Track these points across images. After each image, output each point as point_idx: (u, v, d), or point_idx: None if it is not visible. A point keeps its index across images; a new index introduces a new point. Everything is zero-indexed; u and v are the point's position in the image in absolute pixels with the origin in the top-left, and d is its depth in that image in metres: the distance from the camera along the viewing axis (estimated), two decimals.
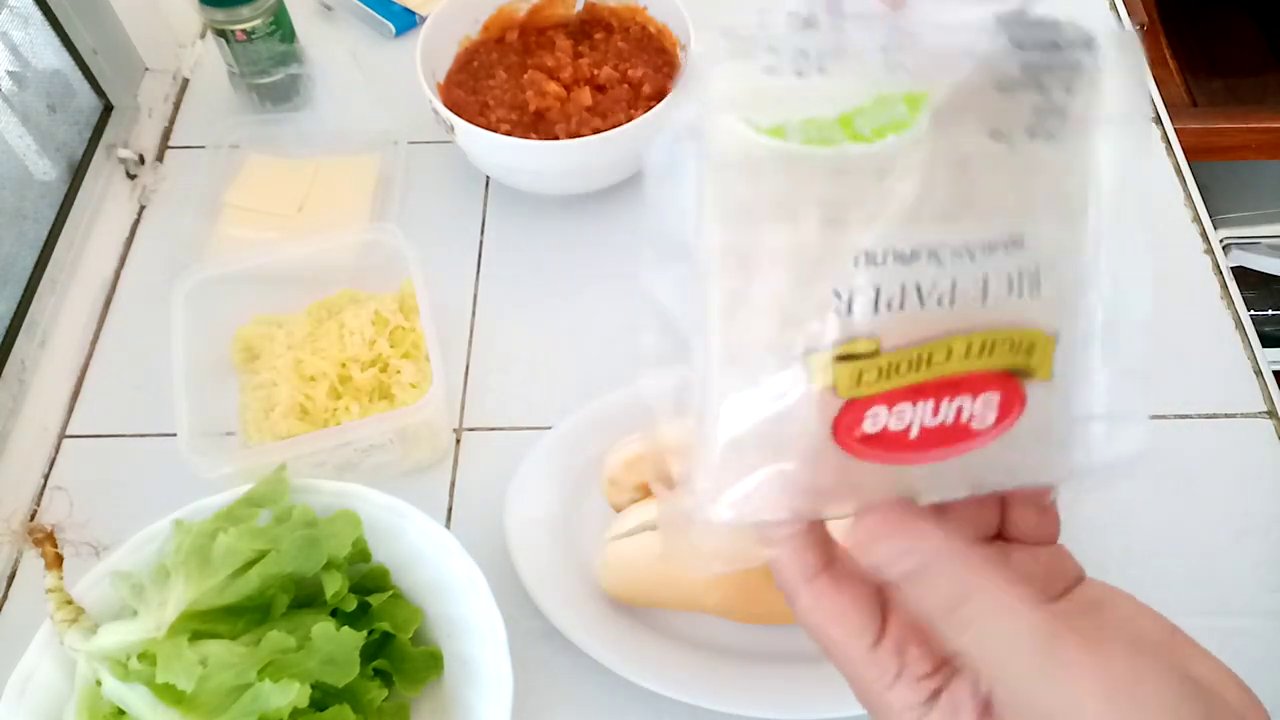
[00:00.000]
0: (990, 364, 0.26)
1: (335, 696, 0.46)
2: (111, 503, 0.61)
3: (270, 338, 0.63)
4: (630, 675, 0.51)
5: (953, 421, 0.26)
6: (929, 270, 0.24)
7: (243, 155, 0.76)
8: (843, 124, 0.23)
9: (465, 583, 0.50)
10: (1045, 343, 0.26)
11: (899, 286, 0.24)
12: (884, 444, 0.26)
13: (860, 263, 0.24)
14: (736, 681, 0.51)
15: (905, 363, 0.25)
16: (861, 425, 0.26)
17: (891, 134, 0.23)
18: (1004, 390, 0.26)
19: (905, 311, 0.24)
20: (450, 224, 0.74)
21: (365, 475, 0.59)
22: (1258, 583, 0.57)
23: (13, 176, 0.70)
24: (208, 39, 0.86)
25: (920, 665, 0.27)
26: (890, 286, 0.24)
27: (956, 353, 0.25)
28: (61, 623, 0.46)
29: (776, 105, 0.22)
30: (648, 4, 0.75)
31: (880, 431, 0.26)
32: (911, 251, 0.24)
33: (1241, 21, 1.38)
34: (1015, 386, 0.26)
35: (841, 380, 0.25)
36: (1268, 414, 0.63)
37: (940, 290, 0.24)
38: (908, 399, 0.25)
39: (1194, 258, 0.71)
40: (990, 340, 0.25)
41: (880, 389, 0.25)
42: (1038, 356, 0.26)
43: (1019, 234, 0.25)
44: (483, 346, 0.68)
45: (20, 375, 0.66)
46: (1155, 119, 0.79)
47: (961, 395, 0.26)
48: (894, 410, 0.25)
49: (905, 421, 0.26)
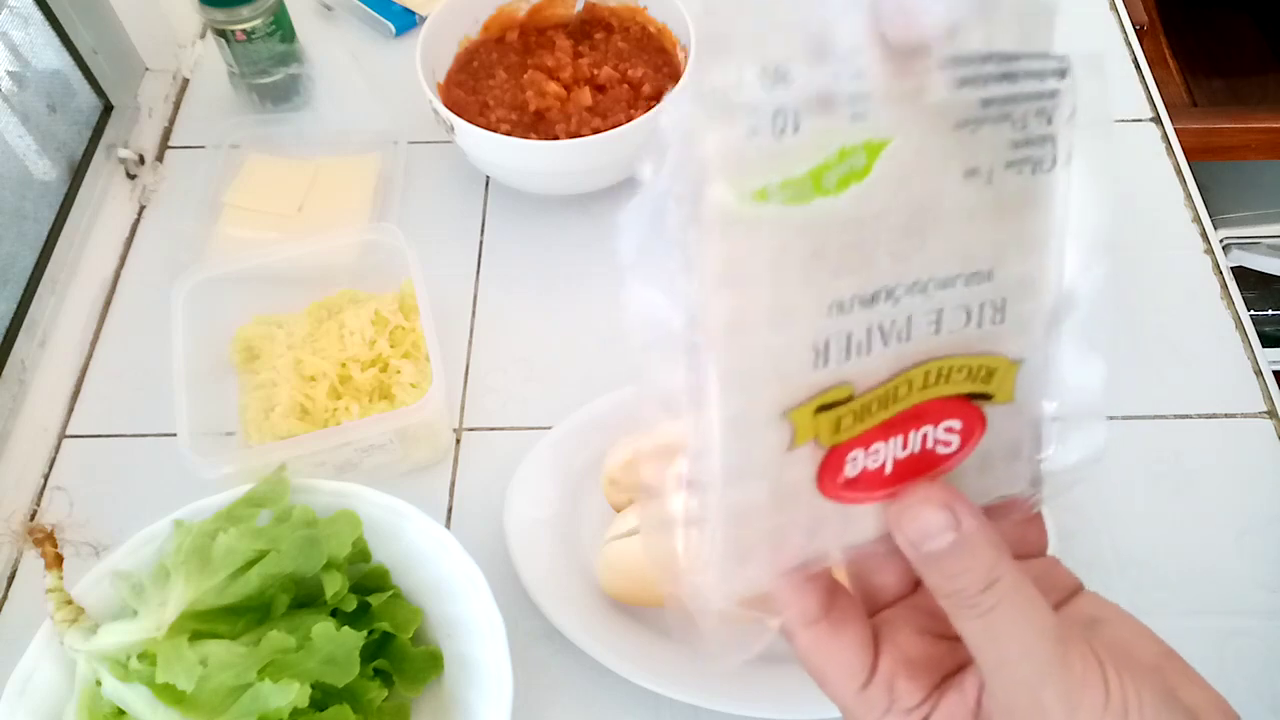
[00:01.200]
0: (946, 391, 0.26)
1: (335, 696, 0.46)
2: (111, 503, 0.61)
3: (270, 338, 0.63)
4: (630, 675, 0.51)
5: (919, 450, 0.27)
6: (888, 309, 0.25)
7: (243, 155, 0.76)
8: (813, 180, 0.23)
9: (465, 583, 0.50)
10: (1007, 367, 0.26)
11: (865, 330, 0.24)
12: (864, 485, 0.26)
13: (833, 312, 0.24)
14: (736, 681, 0.51)
15: (875, 402, 0.26)
16: (843, 471, 0.26)
17: (853, 184, 0.23)
18: (963, 416, 0.27)
19: (872, 354, 0.25)
20: (450, 224, 0.74)
21: (365, 475, 0.59)
22: (1258, 583, 0.57)
23: (13, 176, 0.70)
24: (208, 39, 0.86)
25: (909, 698, 0.28)
26: (858, 332, 0.24)
27: (916, 384, 0.26)
28: (61, 623, 0.46)
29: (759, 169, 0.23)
30: (648, 4, 0.75)
31: (860, 474, 0.26)
32: (872, 294, 0.24)
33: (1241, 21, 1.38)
34: (974, 410, 0.27)
35: (823, 430, 0.25)
36: (1268, 414, 0.63)
37: (898, 326, 0.25)
38: (880, 437, 0.26)
39: (1194, 258, 0.71)
40: (945, 368, 0.26)
41: (856, 432, 0.26)
42: (997, 381, 0.27)
43: (987, 267, 0.25)
44: (483, 346, 0.68)
45: (20, 375, 0.66)
46: (1155, 119, 0.79)
47: (925, 424, 0.26)
48: (870, 450, 0.26)
49: (880, 459, 0.26)
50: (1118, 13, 0.87)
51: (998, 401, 0.27)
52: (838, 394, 0.25)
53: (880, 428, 0.26)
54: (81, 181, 0.75)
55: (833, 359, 0.24)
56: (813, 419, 0.25)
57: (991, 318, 0.26)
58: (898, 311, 0.25)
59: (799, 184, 0.23)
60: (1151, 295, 0.69)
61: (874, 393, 0.25)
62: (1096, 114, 0.26)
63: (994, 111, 0.24)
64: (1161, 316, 0.68)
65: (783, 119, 0.22)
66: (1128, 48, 0.84)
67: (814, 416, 0.25)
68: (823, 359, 0.24)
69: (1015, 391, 0.27)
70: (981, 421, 0.27)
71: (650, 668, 0.52)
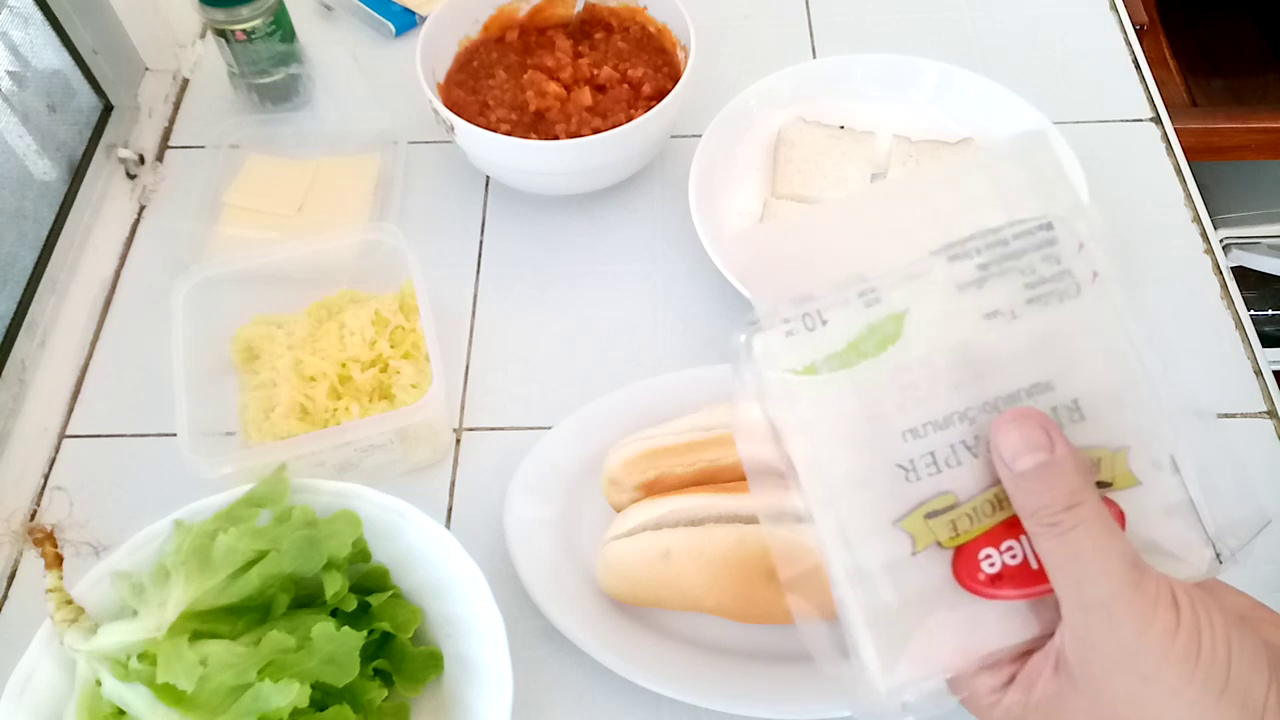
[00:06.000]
0: None
1: (335, 696, 0.46)
2: (111, 503, 0.61)
3: (270, 338, 0.63)
4: (630, 675, 0.51)
5: None
6: (965, 428, 0.30)
7: (243, 155, 0.76)
8: (851, 350, 0.31)
9: (465, 583, 0.50)
10: (1112, 457, 0.31)
11: (948, 446, 0.30)
12: (1012, 581, 0.30)
13: (908, 438, 0.30)
14: (736, 681, 0.51)
15: (987, 504, 0.30)
16: (980, 568, 0.30)
17: (890, 346, 0.30)
18: None
19: (964, 465, 0.30)
20: (450, 224, 0.74)
21: (365, 475, 0.59)
22: (1258, 583, 0.57)
23: (13, 176, 0.70)
24: (208, 39, 0.86)
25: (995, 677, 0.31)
26: (941, 449, 0.30)
27: None
28: (61, 623, 0.46)
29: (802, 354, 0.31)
30: (648, 4, 0.75)
31: (1002, 570, 0.30)
32: (944, 418, 0.30)
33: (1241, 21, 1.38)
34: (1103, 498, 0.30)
35: (939, 533, 0.30)
36: (1268, 414, 0.63)
37: (982, 439, 0.30)
38: (1009, 535, 0.30)
39: (1194, 258, 0.71)
40: None
41: (978, 532, 0.30)
42: (1108, 469, 0.31)
43: (1045, 379, 0.31)
44: (483, 346, 0.68)
45: (20, 375, 0.66)
46: (1155, 119, 0.79)
47: None
48: (1002, 549, 0.30)
49: (1020, 556, 0.30)
50: (1118, 13, 0.87)
51: (1120, 487, 0.31)
52: (942, 502, 0.30)
53: (1003, 527, 0.30)
54: (81, 181, 0.75)
55: (923, 474, 0.30)
56: (925, 525, 0.30)
57: (1070, 417, 0.31)
58: (978, 429, 0.30)
59: (842, 355, 0.31)
60: (1152, 295, 0.69)
61: (982, 496, 0.30)
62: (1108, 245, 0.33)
63: (994, 270, 0.31)
64: (1161, 316, 0.68)
65: (811, 319, 0.31)
66: (1128, 48, 0.84)
67: (925, 522, 0.30)
68: (914, 474, 0.30)
69: (1135, 474, 0.31)
70: (1114, 508, 0.30)
71: (650, 668, 0.52)
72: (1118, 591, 0.27)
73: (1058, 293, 0.31)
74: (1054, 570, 0.29)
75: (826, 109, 0.76)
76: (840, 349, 0.30)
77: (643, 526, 0.50)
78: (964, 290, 0.31)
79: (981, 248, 0.31)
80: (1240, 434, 0.62)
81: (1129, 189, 0.74)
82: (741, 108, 0.74)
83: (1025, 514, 0.29)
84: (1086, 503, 0.28)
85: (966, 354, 0.31)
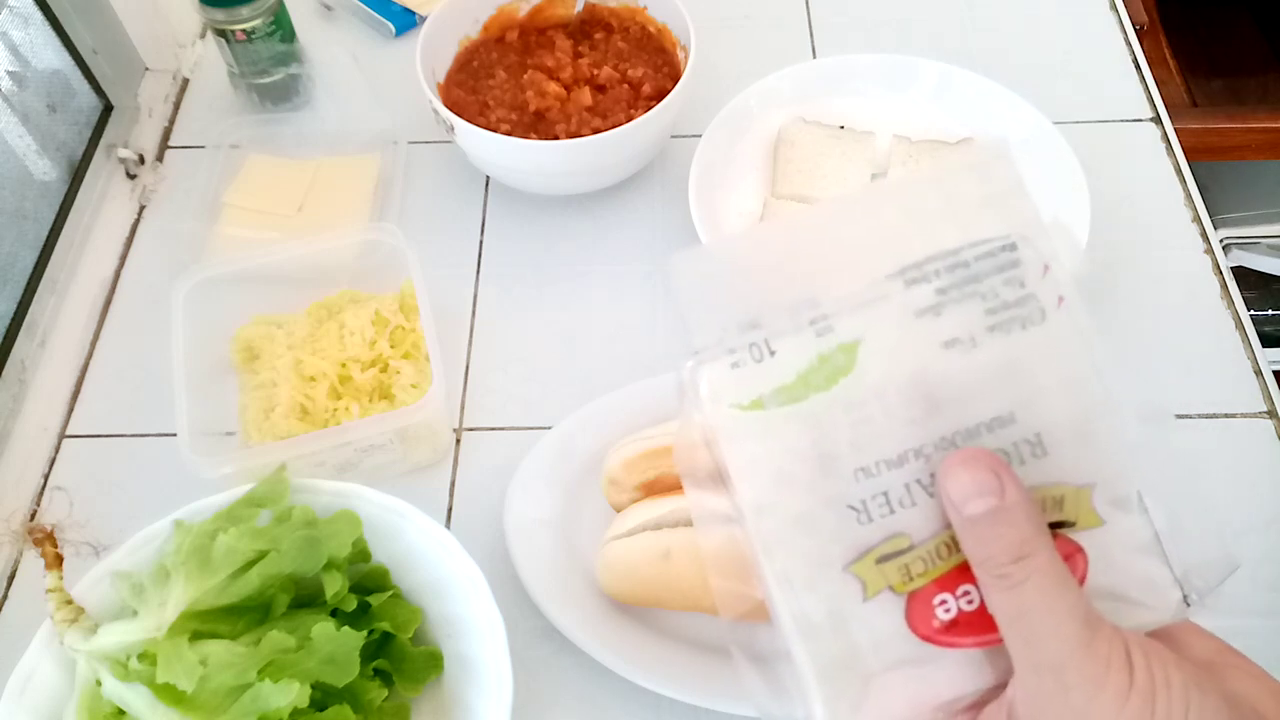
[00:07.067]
0: None
1: (335, 696, 0.46)
2: (111, 503, 0.61)
3: (270, 338, 0.63)
4: (630, 675, 0.51)
5: None
6: (920, 465, 0.28)
7: (243, 155, 0.76)
8: (802, 383, 0.28)
9: (465, 583, 0.50)
10: (1075, 494, 0.29)
11: (902, 486, 0.28)
12: (968, 628, 0.28)
13: (860, 477, 0.28)
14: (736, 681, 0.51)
15: (943, 546, 0.28)
16: (935, 615, 0.28)
17: (841, 378, 0.28)
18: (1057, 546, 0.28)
19: (918, 505, 0.28)
20: (450, 224, 0.74)
21: (365, 475, 0.59)
22: (1258, 583, 0.57)
23: (13, 176, 0.70)
24: (208, 39, 0.86)
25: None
26: (895, 488, 0.28)
27: None
28: (61, 623, 0.46)
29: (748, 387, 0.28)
30: (648, 4, 0.75)
31: (957, 616, 0.28)
32: (898, 455, 0.28)
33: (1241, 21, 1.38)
34: (1064, 540, 0.29)
35: (892, 578, 0.28)
36: (1268, 414, 0.63)
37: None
38: (965, 579, 0.28)
39: (1194, 258, 0.71)
40: None
41: (932, 576, 0.28)
42: (1071, 507, 0.29)
43: (1007, 411, 0.29)
44: (483, 346, 0.68)
45: (20, 375, 0.66)
46: (1155, 119, 0.79)
47: None
48: (958, 593, 0.28)
49: (976, 601, 0.28)
50: (1118, 13, 0.87)
51: (1083, 527, 0.29)
52: (895, 545, 0.28)
53: (958, 570, 0.28)
54: (81, 181, 0.75)
55: (875, 515, 0.28)
56: (877, 569, 0.28)
57: (1032, 452, 0.29)
58: (933, 466, 0.28)
59: (791, 388, 0.28)
60: (1151, 295, 0.69)
61: (937, 539, 0.28)
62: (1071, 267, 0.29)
63: (954, 295, 0.29)
64: (1161, 316, 0.68)
65: (758, 350, 0.28)
66: (1128, 48, 0.84)
67: (877, 566, 0.28)
68: (865, 516, 0.28)
69: (1099, 512, 0.29)
70: (1077, 549, 0.29)
71: (650, 668, 0.52)
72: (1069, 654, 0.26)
73: (1020, 319, 0.29)
74: (1003, 626, 0.27)
75: (826, 109, 0.76)
76: (789, 381, 0.28)
77: (643, 526, 0.50)
78: (921, 317, 0.29)
79: (940, 270, 0.29)
80: (1240, 434, 0.63)
81: (1129, 189, 0.74)
82: (741, 108, 0.74)
83: (974, 562, 0.28)
84: (1038, 554, 0.27)
85: (924, 386, 0.29)
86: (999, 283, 0.29)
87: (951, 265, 0.29)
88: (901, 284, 0.29)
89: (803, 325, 0.29)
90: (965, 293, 0.29)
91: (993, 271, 0.29)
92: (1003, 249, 0.29)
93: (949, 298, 0.29)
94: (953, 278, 0.29)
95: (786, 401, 0.28)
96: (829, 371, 0.28)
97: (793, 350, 0.28)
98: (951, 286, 0.29)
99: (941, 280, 0.29)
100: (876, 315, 0.29)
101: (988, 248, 0.29)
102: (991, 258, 0.29)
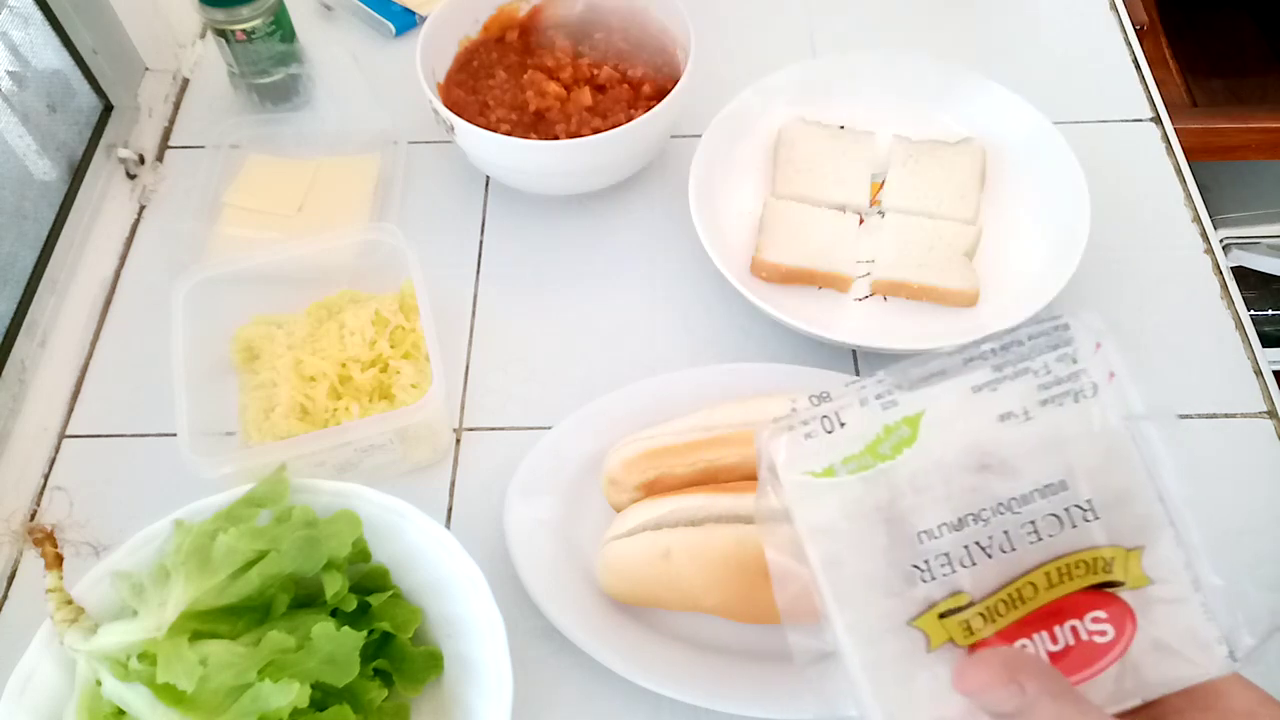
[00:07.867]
0: (1074, 586, 0.31)
1: (335, 696, 0.46)
2: (111, 503, 0.61)
3: (270, 338, 0.63)
4: (630, 675, 0.51)
5: (1074, 643, 0.31)
6: (979, 529, 0.31)
7: (243, 155, 0.76)
8: (869, 452, 0.31)
9: (465, 583, 0.50)
10: (1125, 556, 0.31)
11: (963, 548, 0.31)
12: None
13: (923, 539, 0.31)
14: (736, 681, 0.51)
15: (1001, 604, 0.31)
16: None
17: (906, 448, 0.31)
18: (1105, 606, 0.31)
19: (978, 565, 0.31)
20: (450, 224, 0.74)
21: (365, 475, 0.59)
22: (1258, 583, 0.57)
23: (13, 176, 0.70)
24: (208, 39, 0.86)
25: None
26: (956, 550, 0.31)
27: (1040, 585, 0.31)
28: (61, 623, 0.46)
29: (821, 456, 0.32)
30: (648, 4, 0.75)
31: None
32: (959, 520, 0.31)
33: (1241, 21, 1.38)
34: (1114, 599, 0.31)
35: (954, 632, 0.31)
36: (1268, 414, 0.63)
37: (997, 540, 0.31)
38: (1021, 634, 0.31)
39: (1194, 258, 0.71)
40: (1064, 566, 0.31)
41: (991, 630, 0.31)
42: (1121, 568, 0.31)
43: (1059, 478, 0.31)
44: (483, 346, 0.68)
45: (20, 375, 0.66)
46: (1155, 119, 0.79)
47: (1069, 618, 0.31)
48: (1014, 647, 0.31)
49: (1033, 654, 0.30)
50: (1118, 13, 0.87)
51: (1132, 587, 0.31)
52: (955, 601, 0.31)
53: (1017, 626, 0.31)
54: (81, 181, 0.75)
55: (937, 573, 0.31)
56: (939, 624, 0.31)
57: (1083, 517, 0.31)
58: (991, 529, 0.31)
59: (859, 458, 0.31)
60: (1151, 295, 0.69)
61: (995, 596, 0.31)
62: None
63: (1009, 371, 0.31)
64: (1161, 316, 0.68)
65: (829, 421, 0.32)
66: (1128, 48, 0.84)
67: (939, 622, 0.31)
68: (928, 574, 0.31)
69: (1148, 573, 0.31)
70: (1126, 608, 0.31)
71: (650, 668, 0.52)
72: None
73: (1072, 393, 0.32)
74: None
75: (826, 109, 0.76)
76: (857, 451, 0.31)
77: (643, 526, 0.50)
78: (978, 392, 0.31)
79: (997, 349, 0.32)
80: (1240, 434, 0.63)
81: (1129, 189, 0.74)
82: (741, 108, 0.74)
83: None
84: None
85: (980, 456, 0.31)
86: (1052, 359, 0.32)
87: (1007, 344, 0.32)
88: (960, 362, 0.32)
89: (870, 399, 0.32)
90: (1020, 369, 0.32)
91: (1046, 349, 0.32)
92: (1056, 328, 0.32)
93: (1004, 375, 0.32)
94: (1008, 355, 0.32)
95: (855, 470, 0.31)
96: (895, 442, 0.31)
97: (860, 420, 0.32)
98: (1007, 364, 0.32)
99: (998, 358, 0.32)
100: (937, 391, 0.32)
101: (1042, 327, 0.32)
102: (1045, 336, 0.32)
